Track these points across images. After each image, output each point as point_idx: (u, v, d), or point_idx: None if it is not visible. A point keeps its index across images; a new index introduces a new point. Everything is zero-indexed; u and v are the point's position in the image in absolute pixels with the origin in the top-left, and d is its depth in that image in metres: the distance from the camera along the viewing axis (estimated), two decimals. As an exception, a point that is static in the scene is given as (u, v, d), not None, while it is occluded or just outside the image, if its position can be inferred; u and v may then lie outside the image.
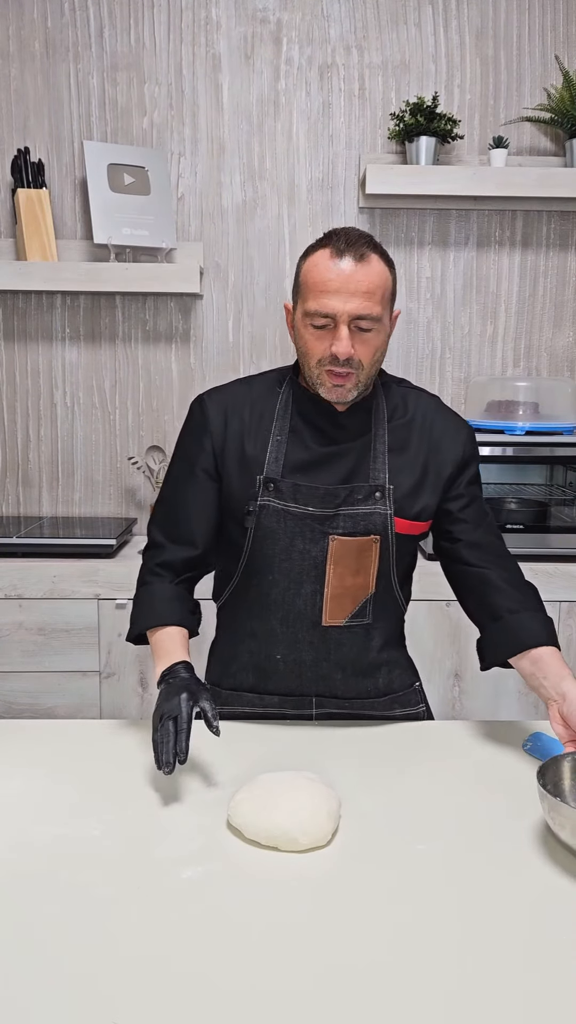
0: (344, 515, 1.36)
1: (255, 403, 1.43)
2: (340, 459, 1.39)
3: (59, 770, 1.27)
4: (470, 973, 0.86)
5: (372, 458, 1.39)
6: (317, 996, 0.82)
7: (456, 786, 1.24)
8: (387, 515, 1.37)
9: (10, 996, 0.82)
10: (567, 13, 2.67)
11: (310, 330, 1.29)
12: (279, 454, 1.39)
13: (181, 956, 0.87)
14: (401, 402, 1.44)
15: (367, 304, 1.25)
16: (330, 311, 1.25)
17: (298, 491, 1.37)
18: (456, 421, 1.46)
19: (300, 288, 1.31)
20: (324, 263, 1.26)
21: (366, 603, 1.40)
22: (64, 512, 2.87)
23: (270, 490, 1.38)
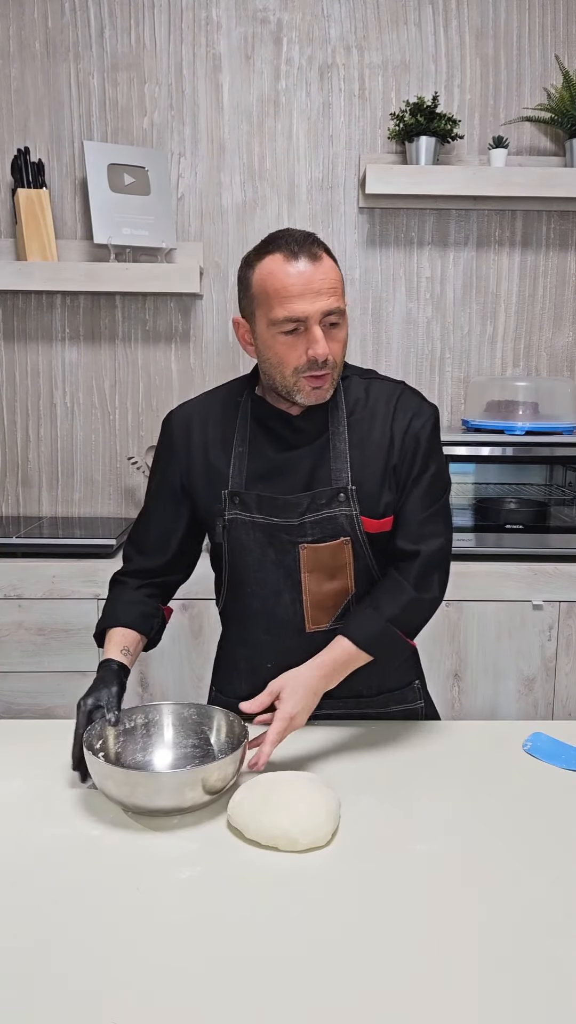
0: (310, 522, 1.35)
1: (218, 415, 1.42)
2: (300, 464, 1.36)
3: (59, 770, 1.27)
4: (470, 972, 0.86)
5: (333, 458, 1.36)
6: (317, 996, 0.82)
7: (456, 786, 1.24)
8: (353, 516, 1.35)
9: (10, 996, 0.82)
10: (567, 13, 2.67)
11: (280, 338, 1.26)
12: (241, 465, 1.38)
13: (181, 956, 0.87)
14: (363, 394, 1.40)
15: (333, 299, 1.24)
16: (300, 315, 1.23)
17: (262, 502, 1.36)
18: (417, 407, 1.39)
19: (257, 299, 1.27)
20: (281, 268, 1.23)
21: (349, 605, 1.39)
22: (64, 512, 2.87)
23: (236, 503, 1.37)
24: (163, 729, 1.30)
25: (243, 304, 1.32)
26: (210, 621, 2.40)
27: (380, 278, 2.79)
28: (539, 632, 2.42)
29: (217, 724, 1.28)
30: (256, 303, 1.28)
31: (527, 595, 2.40)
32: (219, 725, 1.28)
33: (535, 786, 1.24)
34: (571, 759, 1.32)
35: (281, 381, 1.30)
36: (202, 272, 2.73)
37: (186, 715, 1.31)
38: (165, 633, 1.53)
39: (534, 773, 1.28)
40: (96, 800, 1.18)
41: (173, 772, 1.16)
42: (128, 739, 1.27)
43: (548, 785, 1.25)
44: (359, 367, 1.46)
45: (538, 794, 1.22)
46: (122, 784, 1.11)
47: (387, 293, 2.80)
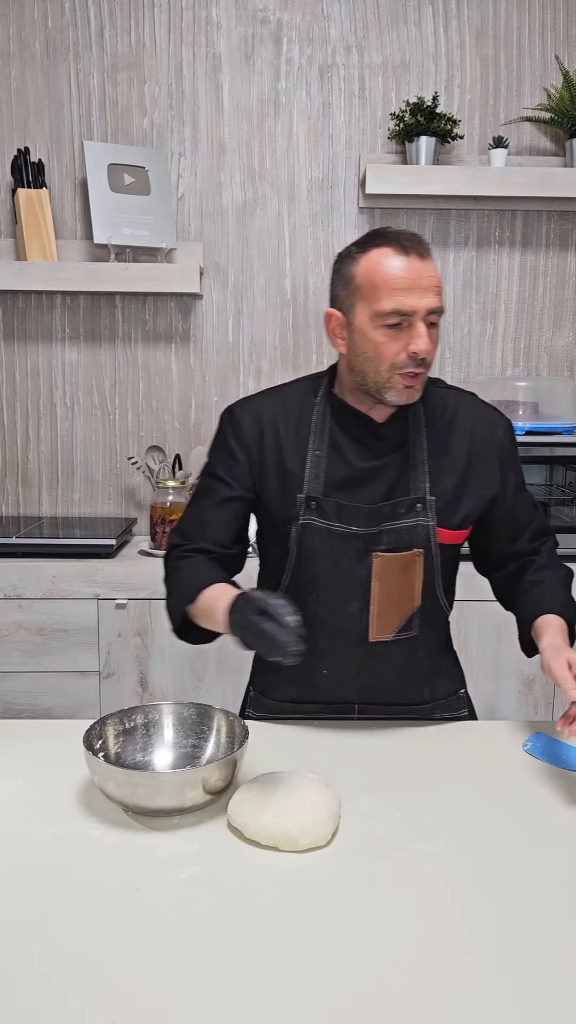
0: (387, 531, 1.34)
1: (290, 415, 1.38)
2: (381, 473, 1.35)
3: (59, 770, 1.27)
4: (470, 972, 0.86)
5: (412, 468, 1.35)
6: (317, 996, 0.82)
7: (456, 786, 1.24)
8: (430, 527, 1.35)
9: (10, 996, 0.82)
10: (567, 13, 2.67)
11: (383, 331, 1.24)
12: (319, 470, 1.35)
13: (181, 956, 0.87)
14: (440, 403, 1.39)
15: (437, 299, 1.24)
16: (407, 308, 1.22)
17: (342, 510, 1.34)
18: (493, 419, 1.42)
19: (361, 290, 1.25)
20: (390, 261, 1.23)
21: (412, 617, 1.39)
22: (64, 512, 2.87)
23: (312, 508, 1.34)
24: (163, 729, 1.30)
25: (341, 296, 1.30)
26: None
27: (380, 278, 2.78)
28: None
29: (217, 724, 1.28)
30: (359, 295, 1.26)
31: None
32: (219, 725, 1.28)
33: (535, 786, 1.24)
34: (571, 759, 1.32)
35: (374, 377, 1.28)
36: (202, 272, 2.73)
37: (186, 715, 1.31)
38: (165, 633, 1.52)
39: (534, 773, 1.28)
40: (96, 800, 1.18)
41: (174, 772, 1.16)
42: (128, 739, 1.27)
43: (548, 785, 1.25)
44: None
45: (538, 794, 1.22)
46: (123, 784, 1.11)
47: (387, 293, 2.79)
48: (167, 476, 2.70)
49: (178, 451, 2.81)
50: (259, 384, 2.81)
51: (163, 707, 1.31)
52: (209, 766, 1.12)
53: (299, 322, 2.79)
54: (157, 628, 2.40)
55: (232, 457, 1.39)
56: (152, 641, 2.41)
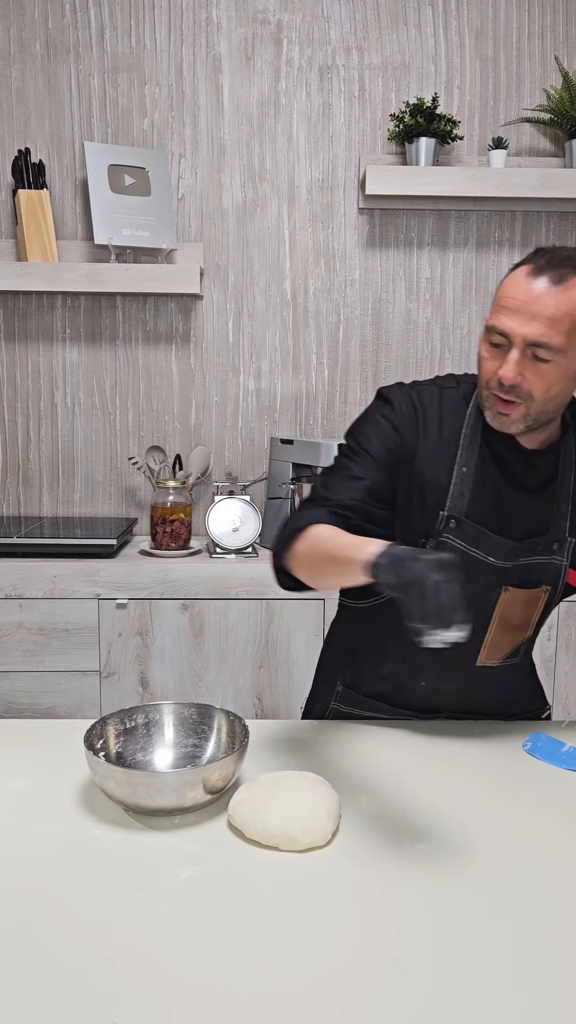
0: (521, 566, 1.31)
1: (444, 417, 1.29)
2: (527, 507, 1.29)
3: (59, 770, 1.27)
4: (470, 972, 0.86)
5: (556, 506, 1.30)
6: (317, 996, 0.82)
7: (456, 786, 1.24)
8: (563, 566, 1.33)
9: (10, 996, 0.82)
10: (567, 13, 2.68)
11: (486, 346, 1.20)
12: (464, 489, 1.27)
13: (181, 956, 0.88)
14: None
15: (547, 331, 1.12)
16: (505, 329, 1.15)
17: (484, 538, 1.27)
18: None
19: (495, 299, 1.20)
20: (518, 278, 1.15)
21: (520, 646, 1.39)
22: (64, 512, 2.87)
23: (451, 528, 1.27)
24: (163, 729, 1.30)
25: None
26: (210, 621, 2.40)
27: (380, 279, 2.79)
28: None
29: (217, 724, 1.29)
30: (493, 304, 1.20)
31: None
32: (219, 725, 1.28)
33: (535, 786, 1.25)
34: (571, 759, 1.32)
35: (479, 389, 1.24)
36: (202, 273, 2.73)
37: (186, 715, 1.31)
38: (165, 633, 1.52)
39: (534, 773, 1.29)
40: (96, 800, 1.18)
41: (175, 772, 1.17)
42: (128, 739, 1.28)
43: (548, 785, 1.25)
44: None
45: (538, 794, 1.22)
46: (123, 784, 1.11)
47: (387, 294, 2.80)
48: (167, 476, 2.70)
49: (178, 451, 2.82)
50: (259, 384, 2.81)
51: (163, 707, 1.32)
52: (209, 766, 1.12)
53: (299, 323, 2.80)
54: (157, 628, 2.40)
55: (384, 445, 1.27)
56: (152, 641, 2.41)
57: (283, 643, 2.43)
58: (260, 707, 2.44)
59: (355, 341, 2.81)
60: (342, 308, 2.78)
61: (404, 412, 1.28)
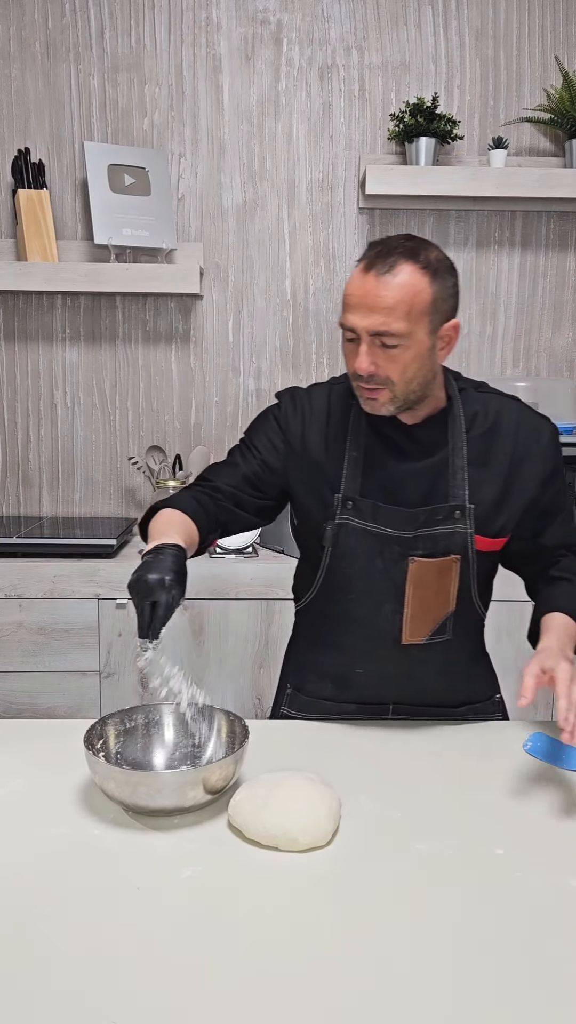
0: (424, 536, 1.34)
1: (332, 411, 1.40)
2: (419, 478, 1.35)
3: (59, 770, 1.27)
4: (470, 972, 0.86)
5: (451, 475, 1.34)
6: (317, 996, 0.82)
7: (456, 786, 1.24)
8: (468, 534, 1.34)
9: (10, 996, 0.82)
10: (567, 13, 2.68)
11: (345, 343, 1.27)
12: (356, 471, 1.36)
13: (181, 956, 0.88)
14: (481, 408, 1.37)
15: (385, 320, 1.20)
16: (351, 326, 1.23)
17: (379, 511, 1.34)
18: (538, 425, 1.40)
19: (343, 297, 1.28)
20: (354, 276, 1.23)
21: (446, 621, 1.39)
22: (64, 512, 2.87)
23: (349, 508, 1.35)
24: (163, 729, 1.30)
25: None
26: (210, 621, 2.40)
27: (380, 278, 2.79)
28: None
29: (217, 724, 1.28)
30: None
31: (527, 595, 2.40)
32: (219, 725, 1.28)
33: (535, 786, 1.25)
34: (571, 759, 1.32)
35: (351, 382, 1.32)
36: (202, 272, 2.73)
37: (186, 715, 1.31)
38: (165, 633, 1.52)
39: (534, 773, 1.29)
40: (96, 800, 1.18)
41: (175, 772, 1.17)
42: (128, 739, 1.27)
43: (548, 785, 1.25)
44: (472, 379, 1.43)
45: (538, 794, 1.22)
46: (123, 784, 1.11)
47: (387, 293, 2.79)
48: (167, 476, 2.70)
49: (178, 451, 2.82)
50: (259, 384, 2.81)
51: (163, 707, 1.32)
52: (209, 766, 1.12)
53: (299, 322, 2.79)
54: (157, 628, 2.39)
55: (270, 441, 1.41)
56: (152, 641, 2.40)
57: (283, 643, 2.42)
58: (260, 707, 2.43)
59: (355, 341, 2.81)
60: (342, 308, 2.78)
61: (290, 411, 1.41)
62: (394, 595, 1.36)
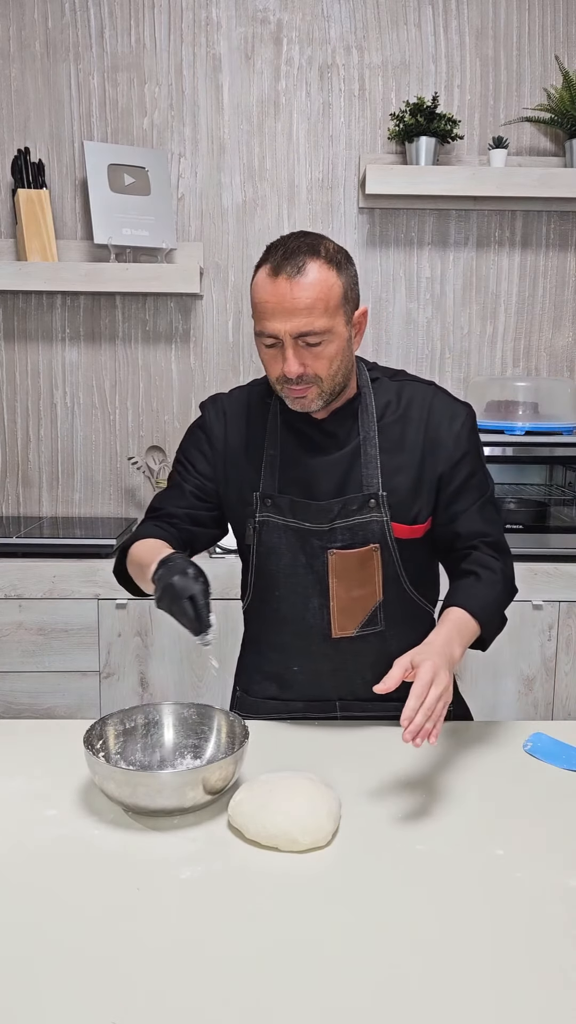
0: (340, 528, 1.35)
1: (251, 413, 1.42)
2: (331, 469, 1.36)
3: (59, 770, 1.27)
4: (470, 972, 0.86)
5: (364, 464, 1.36)
6: (317, 996, 0.82)
7: (456, 786, 1.24)
8: (384, 522, 1.35)
9: (10, 996, 0.82)
10: (567, 13, 2.67)
11: (263, 350, 1.28)
12: (273, 468, 1.38)
13: (181, 956, 0.88)
14: (395, 397, 1.39)
15: (307, 320, 1.21)
16: (273, 332, 1.23)
17: (295, 506, 1.36)
18: (452, 409, 1.39)
19: (252, 307, 1.28)
20: (263, 282, 1.23)
21: (376, 611, 1.39)
22: (64, 512, 2.87)
23: (268, 505, 1.38)
24: (163, 729, 1.30)
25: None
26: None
27: (380, 278, 2.79)
28: (539, 632, 2.42)
29: (217, 724, 1.28)
30: (252, 312, 1.29)
31: (527, 595, 2.40)
32: (219, 725, 1.28)
33: (535, 786, 1.25)
34: (571, 759, 1.32)
35: (273, 386, 1.32)
36: (202, 272, 2.73)
37: (186, 715, 1.31)
38: (165, 633, 1.53)
39: (534, 773, 1.29)
40: (96, 800, 1.18)
41: (175, 772, 1.16)
42: (128, 739, 1.27)
43: (548, 785, 1.25)
44: (388, 368, 1.45)
45: (538, 794, 1.22)
46: (123, 784, 1.11)
47: (387, 293, 2.80)
48: (167, 476, 2.70)
49: (178, 451, 2.81)
50: (259, 384, 2.81)
51: (163, 707, 1.31)
52: (209, 766, 1.12)
53: (299, 322, 2.79)
54: (157, 628, 2.40)
55: (199, 451, 1.44)
56: (152, 641, 2.41)
57: (283, 643, 2.43)
58: (260, 707, 2.43)
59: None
60: (342, 308, 2.78)
61: (212, 417, 1.44)
62: (319, 589, 1.38)
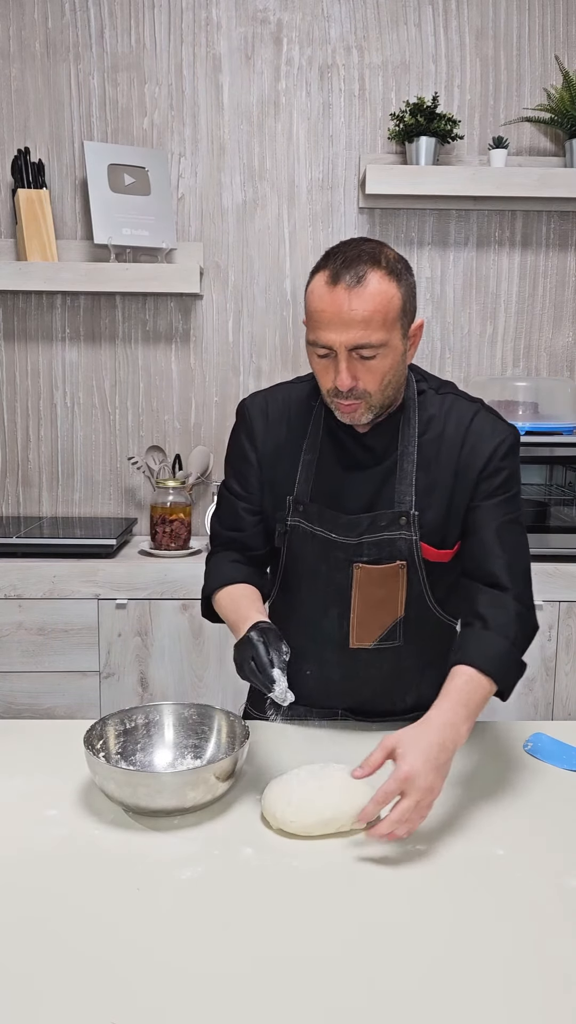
0: (368, 543, 1.33)
1: (293, 414, 1.40)
2: (365, 484, 1.34)
3: (59, 770, 1.27)
4: (470, 972, 0.86)
5: (398, 480, 1.33)
6: (317, 996, 0.82)
7: (456, 786, 1.24)
8: (412, 541, 1.32)
9: (10, 996, 0.82)
10: (567, 13, 2.67)
11: (316, 360, 1.24)
12: (309, 474, 1.36)
13: (181, 956, 0.88)
14: (438, 412, 1.34)
15: (364, 333, 1.17)
16: (327, 343, 1.20)
17: (324, 516, 1.34)
18: (492, 429, 1.32)
19: (306, 314, 1.24)
20: (320, 291, 1.19)
21: (395, 627, 1.38)
22: (64, 512, 2.87)
23: (299, 511, 1.36)
24: (163, 729, 1.30)
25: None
26: (210, 621, 2.40)
27: (380, 278, 2.78)
28: (539, 632, 2.42)
29: (217, 724, 1.28)
30: (306, 319, 1.25)
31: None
32: (219, 725, 1.28)
33: (535, 786, 1.25)
34: (571, 759, 1.32)
35: (323, 396, 1.29)
36: (202, 272, 2.73)
37: (186, 715, 1.31)
38: (165, 633, 1.53)
39: (534, 773, 1.29)
40: (96, 800, 1.18)
41: (176, 772, 1.16)
42: (128, 739, 1.27)
43: (548, 785, 1.25)
44: (436, 378, 1.40)
45: (538, 794, 1.22)
46: (124, 785, 1.11)
47: (387, 293, 2.79)
48: (167, 476, 2.70)
49: (178, 451, 2.82)
50: (259, 384, 2.81)
51: (163, 707, 1.32)
52: (211, 766, 1.12)
53: (299, 322, 2.79)
54: (157, 628, 2.40)
55: (245, 460, 1.42)
56: (152, 641, 2.41)
57: (283, 643, 2.43)
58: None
59: (355, 341, 2.81)
60: (342, 308, 2.78)
61: (255, 417, 1.41)
62: (340, 600, 1.37)
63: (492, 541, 1.30)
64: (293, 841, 1.09)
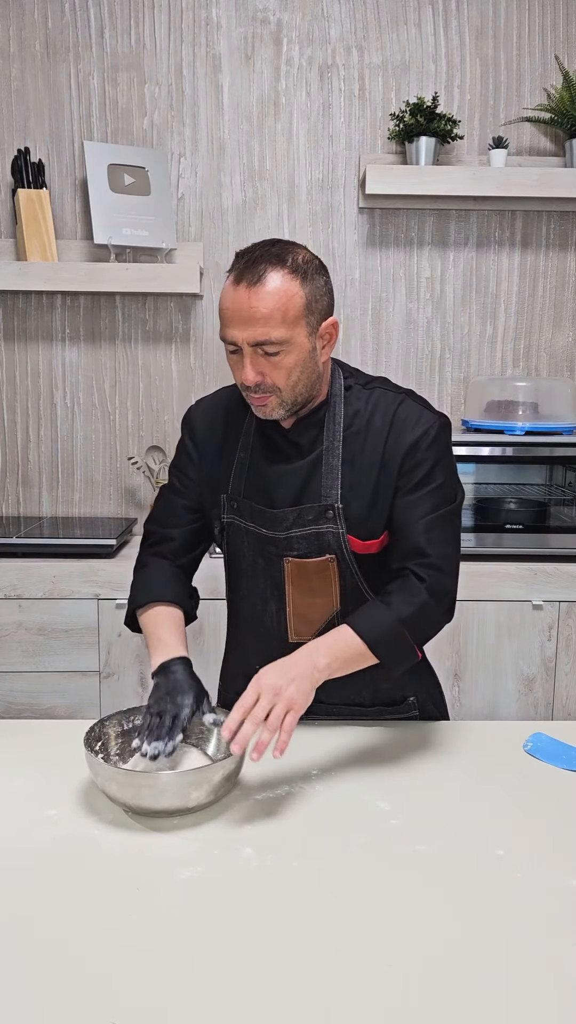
0: (296, 537, 1.35)
1: (232, 414, 1.43)
2: (291, 478, 1.36)
3: (59, 770, 1.27)
4: (471, 972, 0.86)
5: (324, 474, 1.34)
6: (316, 996, 0.82)
7: (456, 786, 1.24)
8: (340, 534, 1.33)
9: (9, 996, 0.82)
10: (567, 13, 2.67)
11: (228, 356, 1.28)
12: (241, 471, 1.40)
13: (180, 956, 0.88)
14: (364, 406, 1.35)
15: (264, 330, 1.20)
16: (232, 339, 1.23)
17: (254, 511, 1.37)
18: (416, 419, 1.33)
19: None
20: (226, 290, 1.23)
21: (333, 620, 1.37)
22: (64, 512, 2.87)
23: (233, 508, 1.40)
24: None
25: None
26: (210, 621, 2.40)
27: (380, 278, 2.79)
28: (539, 632, 2.42)
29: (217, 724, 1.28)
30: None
31: (527, 595, 2.40)
32: (219, 725, 1.28)
33: (535, 786, 1.25)
34: (571, 759, 1.32)
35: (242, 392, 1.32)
36: (202, 272, 2.73)
37: None
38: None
39: (534, 773, 1.29)
40: (96, 800, 1.18)
41: (178, 773, 1.16)
42: (128, 740, 1.27)
43: (548, 785, 1.25)
44: (366, 375, 1.41)
45: (538, 794, 1.22)
46: (126, 786, 1.11)
47: (387, 293, 2.80)
48: (167, 476, 2.70)
49: (178, 451, 2.81)
50: (259, 384, 2.81)
51: None
52: (213, 766, 1.12)
53: (299, 322, 2.79)
54: (157, 628, 2.40)
55: (187, 459, 1.47)
56: (152, 641, 2.41)
57: (283, 643, 2.43)
58: (260, 707, 2.43)
59: (355, 341, 2.81)
60: (342, 308, 2.78)
61: (195, 424, 1.46)
62: (276, 595, 1.39)
63: (417, 537, 1.31)
64: (293, 841, 1.09)
